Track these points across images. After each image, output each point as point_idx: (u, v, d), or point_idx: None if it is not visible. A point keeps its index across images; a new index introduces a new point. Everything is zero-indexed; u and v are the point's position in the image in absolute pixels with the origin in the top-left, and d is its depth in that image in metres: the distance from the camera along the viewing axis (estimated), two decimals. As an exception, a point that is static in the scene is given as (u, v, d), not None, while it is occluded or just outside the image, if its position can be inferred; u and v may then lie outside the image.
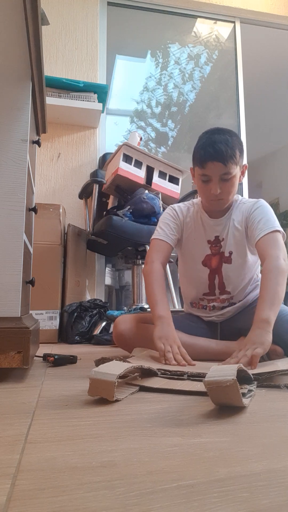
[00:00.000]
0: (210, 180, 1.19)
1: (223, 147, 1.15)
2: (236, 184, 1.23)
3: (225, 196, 1.22)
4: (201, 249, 1.32)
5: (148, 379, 0.88)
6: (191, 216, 1.35)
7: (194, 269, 1.34)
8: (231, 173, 1.18)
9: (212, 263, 1.31)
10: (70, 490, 0.36)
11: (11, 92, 0.99)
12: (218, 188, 1.19)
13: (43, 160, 2.50)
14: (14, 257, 0.94)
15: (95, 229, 2.11)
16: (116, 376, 0.70)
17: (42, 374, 0.99)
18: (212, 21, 3.06)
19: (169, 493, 0.36)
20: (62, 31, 2.66)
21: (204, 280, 1.32)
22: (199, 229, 1.32)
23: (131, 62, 3.05)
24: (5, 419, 0.60)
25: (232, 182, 1.20)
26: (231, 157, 1.16)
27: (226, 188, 1.20)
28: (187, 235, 1.34)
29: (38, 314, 1.89)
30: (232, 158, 1.16)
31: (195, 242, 1.33)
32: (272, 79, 4.03)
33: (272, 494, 0.36)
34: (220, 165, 1.16)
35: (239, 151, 1.19)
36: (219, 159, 1.15)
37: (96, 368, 0.73)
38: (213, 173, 1.18)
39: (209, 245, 1.31)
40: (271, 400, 0.72)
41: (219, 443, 0.50)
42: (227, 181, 1.19)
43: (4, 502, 0.34)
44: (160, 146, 2.93)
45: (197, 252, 1.33)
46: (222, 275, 1.30)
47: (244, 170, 1.27)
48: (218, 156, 1.15)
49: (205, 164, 1.17)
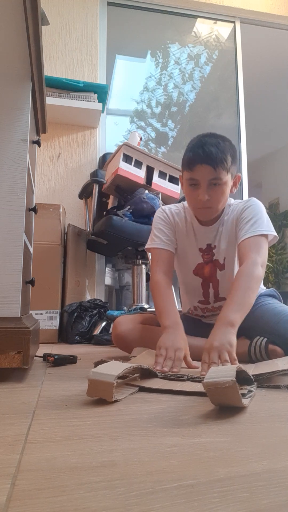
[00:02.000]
0: (198, 185, 1.12)
1: (214, 149, 1.09)
2: (227, 193, 1.16)
3: (214, 204, 1.14)
4: (193, 257, 1.28)
5: (148, 380, 0.87)
6: (182, 220, 1.29)
7: (187, 277, 1.31)
8: (221, 179, 1.11)
9: (205, 271, 1.27)
10: (70, 490, 0.36)
11: (11, 92, 0.99)
12: (206, 194, 1.11)
13: (43, 160, 2.50)
14: (14, 257, 0.94)
15: (95, 229, 2.11)
16: (114, 377, 0.70)
17: (42, 374, 0.99)
18: (212, 21, 3.06)
19: (169, 493, 0.36)
20: (62, 31, 2.66)
21: (198, 288, 1.29)
22: (191, 237, 1.27)
23: (131, 62, 3.05)
24: (5, 419, 0.60)
25: (222, 189, 1.13)
26: (221, 161, 1.09)
27: (215, 195, 1.13)
28: (179, 241, 1.29)
29: (38, 314, 1.89)
30: (223, 163, 1.09)
31: (186, 250, 1.28)
32: (272, 79, 4.03)
33: (272, 494, 0.36)
34: (210, 169, 1.09)
35: (231, 157, 1.13)
36: (208, 162, 1.09)
37: (95, 369, 0.73)
38: (202, 177, 1.11)
39: (200, 253, 1.27)
40: (271, 400, 0.72)
41: (219, 443, 0.50)
42: (216, 188, 1.12)
43: (4, 502, 0.34)
44: (160, 146, 2.92)
45: (189, 261, 1.29)
46: (217, 283, 1.26)
47: (237, 181, 1.19)
48: (208, 159, 1.08)
49: (193, 166, 1.11)
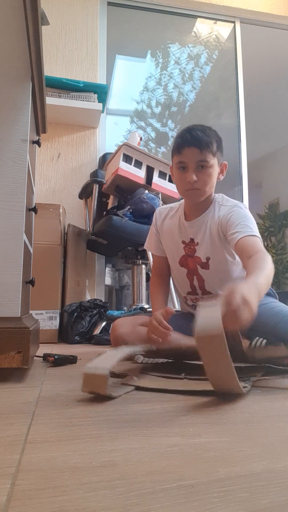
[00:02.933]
0: (187, 168, 1.19)
1: (200, 133, 1.17)
2: (213, 176, 1.22)
3: (201, 185, 1.20)
4: (177, 249, 1.34)
5: (145, 379, 0.87)
6: (172, 216, 1.38)
7: (174, 268, 1.37)
8: (208, 162, 1.18)
9: (189, 264, 1.32)
10: (70, 490, 0.36)
11: (11, 92, 0.99)
12: (193, 175, 1.18)
13: (43, 160, 2.50)
14: (14, 257, 0.94)
15: (95, 229, 2.11)
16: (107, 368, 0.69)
17: (42, 374, 0.99)
18: (212, 21, 3.06)
19: (169, 493, 0.36)
20: (62, 31, 2.66)
21: (185, 279, 1.34)
22: (175, 229, 1.34)
23: (131, 62, 3.05)
24: (5, 419, 0.60)
25: (209, 172, 1.19)
26: (207, 144, 1.17)
27: (202, 177, 1.19)
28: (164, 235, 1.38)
29: (38, 314, 1.89)
30: (209, 146, 1.17)
31: (171, 241, 1.36)
32: (272, 79, 4.02)
33: (272, 494, 0.36)
34: (196, 151, 1.16)
35: (217, 143, 1.20)
36: (195, 144, 1.16)
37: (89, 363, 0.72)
38: (189, 159, 1.18)
39: (183, 245, 1.32)
40: (271, 400, 0.72)
41: (219, 443, 0.50)
42: (204, 170, 1.19)
43: (4, 502, 0.34)
44: (160, 146, 2.92)
45: (174, 252, 1.35)
46: (201, 278, 1.30)
47: (223, 169, 1.26)
48: (195, 141, 1.16)
49: (181, 149, 1.18)
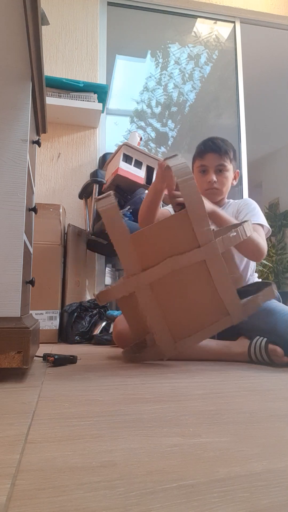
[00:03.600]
0: (207, 170, 1.41)
1: (220, 142, 1.41)
2: (229, 180, 1.43)
3: (220, 186, 1.41)
4: None
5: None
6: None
7: None
8: (225, 166, 1.40)
9: None
10: (70, 490, 0.36)
11: (11, 92, 0.99)
12: (213, 176, 1.39)
13: (43, 160, 2.50)
14: (14, 257, 0.94)
15: (95, 229, 2.11)
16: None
17: (42, 374, 0.99)
18: (212, 21, 3.06)
19: (169, 493, 0.36)
20: (62, 31, 2.66)
21: None
22: None
23: (131, 62, 3.05)
24: (5, 419, 0.60)
25: (226, 175, 1.41)
26: (226, 152, 1.40)
27: (220, 179, 1.41)
28: None
29: (38, 314, 1.89)
30: (227, 154, 1.40)
31: None
32: (272, 79, 4.03)
33: (272, 494, 0.36)
34: (217, 156, 1.39)
35: (233, 153, 1.43)
36: (216, 150, 1.39)
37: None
38: (210, 163, 1.40)
39: None
40: (271, 400, 0.72)
41: (219, 443, 0.50)
42: (222, 173, 1.40)
43: (4, 502, 0.34)
44: (160, 146, 2.92)
45: None
46: None
47: (236, 176, 1.47)
48: (216, 148, 1.40)
49: (204, 155, 1.41)
